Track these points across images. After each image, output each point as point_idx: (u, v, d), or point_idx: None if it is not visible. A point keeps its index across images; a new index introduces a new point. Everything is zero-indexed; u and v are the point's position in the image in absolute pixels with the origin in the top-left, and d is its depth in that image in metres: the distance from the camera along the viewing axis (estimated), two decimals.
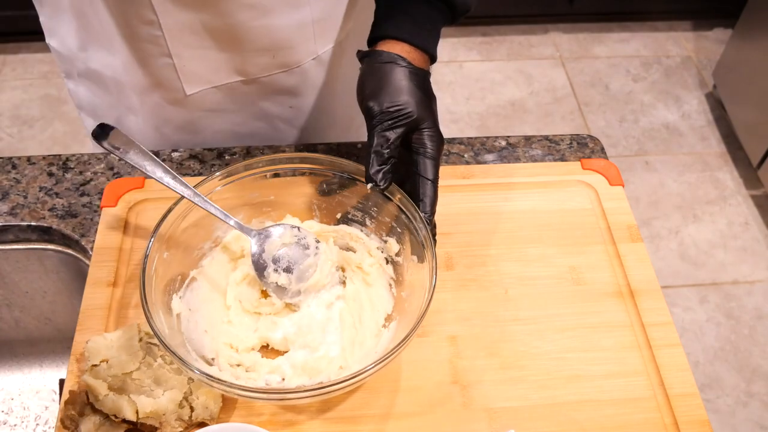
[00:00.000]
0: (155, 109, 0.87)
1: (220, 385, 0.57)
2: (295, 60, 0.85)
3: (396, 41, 0.69)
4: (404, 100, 0.65)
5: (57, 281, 0.87)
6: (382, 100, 0.65)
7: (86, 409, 0.63)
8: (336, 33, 0.86)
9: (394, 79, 0.66)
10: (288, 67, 0.85)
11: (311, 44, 0.84)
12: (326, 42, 0.86)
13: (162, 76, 0.82)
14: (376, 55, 0.68)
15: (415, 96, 0.66)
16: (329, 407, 0.66)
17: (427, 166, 0.66)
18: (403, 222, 0.68)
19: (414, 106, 0.65)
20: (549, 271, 0.78)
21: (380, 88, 0.66)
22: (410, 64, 0.68)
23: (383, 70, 0.67)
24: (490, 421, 0.66)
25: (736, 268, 1.99)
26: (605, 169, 0.88)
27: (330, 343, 0.66)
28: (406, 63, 0.67)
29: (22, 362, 0.96)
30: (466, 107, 2.37)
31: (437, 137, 0.67)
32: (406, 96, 0.66)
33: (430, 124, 0.67)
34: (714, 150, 2.31)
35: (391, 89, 0.66)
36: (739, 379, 1.75)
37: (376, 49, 0.69)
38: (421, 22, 0.70)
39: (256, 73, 0.84)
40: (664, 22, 2.72)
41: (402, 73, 0.67)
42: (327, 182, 0.73)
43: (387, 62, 0.67)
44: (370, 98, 0.66)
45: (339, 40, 0.87)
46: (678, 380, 0.70)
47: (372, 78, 0.67)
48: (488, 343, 0.72)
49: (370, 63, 0.68)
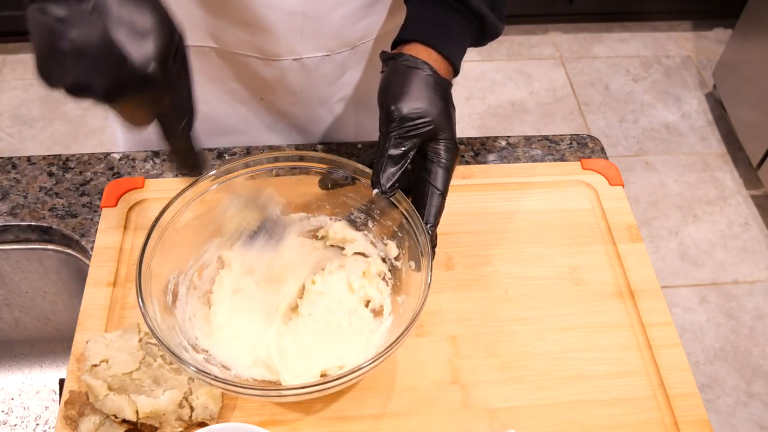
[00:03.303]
0: None
1: (217, 383, 0.57)
2: (275, 51, 0.81)
3: (424, 46, 0.68)
4: (426, 109, 0.64)
5: (57, 281, 0.87)
6: (403, 105, 0.64)
7: (86, 409, 0.63)
8: (326, 42, 0.83)
9: (418, 85, 0.65)
10: (265, 56, 0.81)
11: (296, 42, 0.81)
12: (313, 47, 0.82)
13: None
14: (403, 59, 0.67)
15: (438, 106, 0.65)
16: (329, 407, 0.66)
17: (439, 177, 0.65)
18: (405, 228, 0.68)
19: (435, 116, 0.64)
20: (549, 271, 0.78)
21: (403, 93, 0.64)
22: (436, 73, 0.66)
23: (408, 74, 0.66)
24: (490, 421, 0.66)
25: (736, 268, 1.99)
26: (605, 169, 0.88)
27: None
28: (432, 71, 0.66)
29: (22, 362, 0.96)
30: (466, 107, 2.37)
31: (454, 149, 0.66)
32: (428, 104, 0.64)
33: (448, 136, 0.66)
34: (714, 150, 2.31)
35: (414, 95, 0.64)
36: (739, 379, 1.75)
37: (402, 53, 0.67)
38: (452, 32, 0.69)
39: (232, 46, 0.80)
40: (664, 22, 2.72)
41: (426, 81, 0.65)
42: (329, 177, 0.72)
43: (413, 67, 0.66)
44: (391, 101, 0.64)
45: (331, 53, 0.84)
46: (678, 380, 0.70)
47: (395, 82, 0.66)
48: (488, 343, 0.72)
49: (395, 65, 0.67)
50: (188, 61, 0.57)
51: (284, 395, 0.62)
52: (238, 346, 0.67)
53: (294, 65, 0.83)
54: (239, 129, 0.91)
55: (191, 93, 0.58)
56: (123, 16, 0.50)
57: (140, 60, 0.50)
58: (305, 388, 0.58)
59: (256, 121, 0.91)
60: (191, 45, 0.79)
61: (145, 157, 0.88)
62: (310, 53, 0.82)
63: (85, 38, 0.49)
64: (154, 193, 0.82)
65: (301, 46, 0.81)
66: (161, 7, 0.53)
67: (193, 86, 0.58)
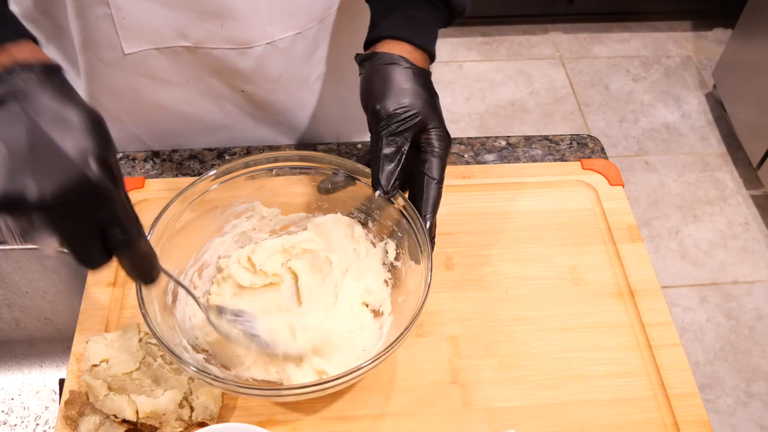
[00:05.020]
0: (91, 72, 0.81)
1: (217, 383, 0.57)
2: (247, 38, 0.79)
3: (396, 41, 0.69)
4: (410, 102, 0.65)
5: (57, 281, 0.87)
6: (388, 103, 0.65)
7: (86, 409, 0.63)
8: (296, 19, 0.81)
9: (399, 80, 0.66)
10: (238, 45, 0.80)
11: (266, 24, 0.79)
12: (284, 27, 0.81)
13: (99, 30, 0.76)
14: (378, 57, 0.68)
15: (421, 97, 0.66)
16: (329, 407, 0.66)
17: (434, 166, 0.66)
18: (404, 227, 0.68)
19: (421, 107, 0.65)
20: (549, 271, 0.78)
21: (386, 91, 0.65)
22: (413, 65, 0.67)
23: (387, 72, 0.66)
24: (490, 421, 0.66)
25: (736, 268, 1.99)
26: (605, 169, 0.88)
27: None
28: (409, 64, 0.67)
29: (22, 362, 0.96)
30: (466, 107, 2.37)
31: (445, 137, 0.67)
32: (412, 97, 0.65)
33: (437, 124, 0.66)
34: (714, 150, 2.31)
35: (396, 91, 0.65)
36: (739, 379, 1.75)
37: (377, 51, 0.68)
38: (420, 21, 0.70)
39: (203, 41, 0.79)
40: (664, 22, 2.72)
41: (406, 75, 0.66)
42: (329, 180, 0.72)
43: (390, 64, 0.67)
44: (376, 101, 0.65)
45: (302, 30, 0.83)
46: (678, 380, 0.70)
47: (376, 81, 0.67)
48: (488, 343, 0.72)
49: (372, 65, 0.68)
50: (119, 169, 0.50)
51: (284, 395, 0.62)
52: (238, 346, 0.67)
53: (268, 50, 0.82)
54: (225, 125, 0.91)
55: (129, 200, 0.52)
56: (54, 111, 0.46)
57: (77, 155, 0.45)
58: (305, 388, 0.58)
59: (240, 114, 0.90)
60: (162, 48, 0.79)
61: (145, 157, 0.88)
62: (282, 34, 0.81)
63: (13, 136, 0.44)
64: (154, 193, 0.82)
65: (272, 28, 0.80)
66: (91, 108, 0.48)
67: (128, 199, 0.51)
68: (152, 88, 0.83)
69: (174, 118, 0.88)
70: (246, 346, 0.63)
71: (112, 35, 0.76)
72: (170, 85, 0.83)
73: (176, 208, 0.67)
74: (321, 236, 0.74)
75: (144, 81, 0.82)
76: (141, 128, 0.90)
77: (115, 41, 0.77)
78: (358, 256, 0.72)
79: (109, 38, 0.76)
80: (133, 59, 0.79)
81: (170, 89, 0.84)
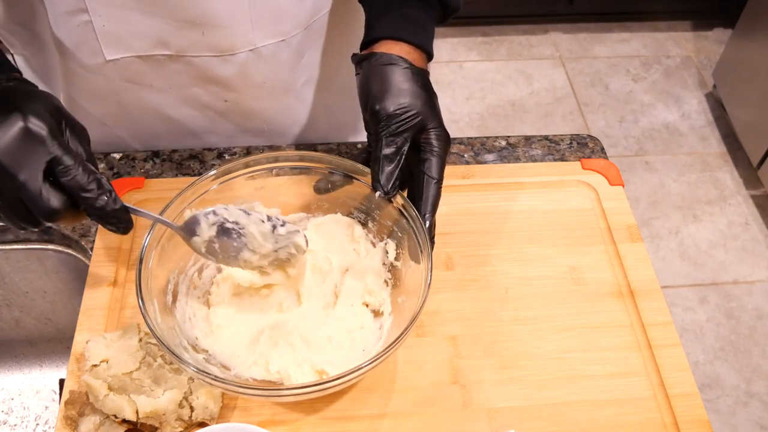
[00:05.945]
0: (72, 77, 0.81)
1: (217, 383, 0.57)
2: (229, 45, 0.79)
3: (394, 41, 0.69)
4: (410, 102, 0.65)
5: (57, 281, 0.87)
6: (387, 103, 0.64)
7: (86, 409, 0.63)
8: (279, 26, 0.81)
9: (398, 81, 0.66)
10: (220, 52, 0.79)
11: (248, 31, 0.78)
12: (267, 34, 0.80)
13: (80, 37, 0.76)
14: (376, 58, 0.67)
15: (420, 97, 0.66)
16: (329, 407, 0.66)
17: (433, 166, 0.65)
18: (404, 227, 0.68)
19: (420, 107, 0.65)
20: (549, 271, 0.78)
21: (385, 91, 0.65)
22: (412, 65, 0.67)
23: (385, 72, 0.66)
24: (490, 421, 0.66)
25: (736, 268, 1.99)
26: (605, 169, 0.88)
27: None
28: (408, 64, 0.67)
29: (22, 362, 0.96)
30: (466, 107, 2.37)
31: (444, 136, 0.67)
32: (412, 98, 0.65)
33: (436, 124, 0.66)
34: (714, 150, 2.31)
35: (395, 92, 0.65)
36: (739, 379, 1.75)
37: (374, 52, 0.68)
38: (416, 20, 0.70)
39: (185, 49, 0.78)
40: (664, 22, 2.72)
41: (405, 75, 0.66)
42: (326, 179, 0.72)
43: (388, 64, 0.67)
44: (375, 102, 0.65)
45: (286, 37, 0.82)
46: (678, 380, 0.70)
47: (374, 81, 0.66)
48: (488, 343, 0.72)
49: (369, 66, 0.67)
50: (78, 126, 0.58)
51: (284, 395, 0.62)
52: (238, 346, 0.67)
53: (251, 57, 0.81)
54: (210, 129, 0.90)
55: (91, 157, 0.58)
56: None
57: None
58: (305, 388, 0.58)
59: (224, 122, 0.90)
60: (143, 55, 0.79)
61: (145, 157, 0.88)
62: (264, 41, 0.81)
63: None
64: (154, 193, 0.82)
65: (254, 35, 0.79)
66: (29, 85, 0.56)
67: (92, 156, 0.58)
68: (135, 92, 0.83)
69: (158, 121, 0.88)
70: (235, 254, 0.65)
71: (93, 42, 0.76)
72: (153, 90, 0.83)
73: (176, 208, 0.67)
74: (321, 236, 0.74)
75: (127, 86, 0.82)
76: (125, 131, 0.89)
77: (96, 47, 0.77)
78: (358, 256, 0.72)
79: (90, 45, 0.76)
80: (115, 65, 0.79)
81: (153, 94, 0.84)
